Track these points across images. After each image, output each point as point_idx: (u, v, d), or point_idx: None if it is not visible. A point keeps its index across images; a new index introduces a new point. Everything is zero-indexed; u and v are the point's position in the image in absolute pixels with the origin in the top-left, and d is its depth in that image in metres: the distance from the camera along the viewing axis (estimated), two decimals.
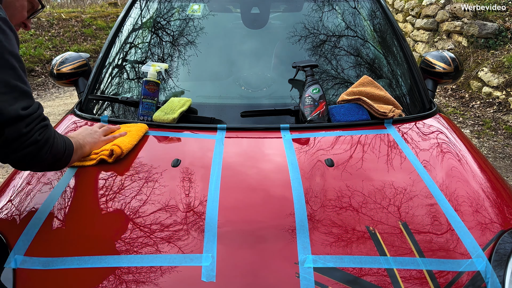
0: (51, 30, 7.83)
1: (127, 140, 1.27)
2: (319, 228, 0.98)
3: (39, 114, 0.95)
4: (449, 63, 1.89)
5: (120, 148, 1.21)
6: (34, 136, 0.93)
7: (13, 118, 0.88)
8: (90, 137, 1.24)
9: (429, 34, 6.38)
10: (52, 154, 1.00)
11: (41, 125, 0.95)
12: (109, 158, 1.21)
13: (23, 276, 0.89)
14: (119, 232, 0.99)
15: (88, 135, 1.25)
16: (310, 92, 1.45)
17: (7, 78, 0.87)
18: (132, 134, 1.32)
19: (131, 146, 1.26)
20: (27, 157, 0.94)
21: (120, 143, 1.24)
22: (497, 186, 1.17)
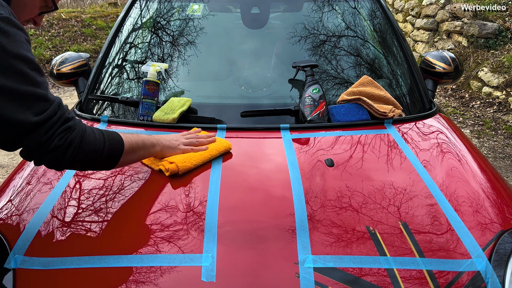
0: (51, 30, 7.83)
1: (193, 158, 1.19)
2: (319, 228, 0.98)
3: (60, 117, 0.87)
4: (449, 63, 1.89)
5: (177, 168, 1.14)
6: (54, 142, 0.86)
7: (26, 127, 0.82)
8: (167, 141, 1.20)
9: (429, 34, 6.38)
10: (83, 155, 0.92)
11: (63, 129, 0.88)
12: (166, 172, 1.16)
13: (23, 276, 0.89)
14: (119, 232, 0.99)
15: (167, 139, 1.21)
16: (310, 92, 1.45)
17: (14, 85, 0.80)
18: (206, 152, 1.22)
19: (192, 166, 1.17)
20: (53, 163, 0.90)
21: (182, 161, 1.16)
22: (497, 186, 1.17)
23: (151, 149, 1.15)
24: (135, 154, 1.09)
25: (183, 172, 1.15)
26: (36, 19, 1.04)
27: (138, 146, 1.09)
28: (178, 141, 1.23)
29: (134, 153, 1.08)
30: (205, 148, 1.23)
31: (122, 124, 1.47)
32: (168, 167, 1.14)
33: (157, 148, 1.17)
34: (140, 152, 1.11)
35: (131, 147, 1.06)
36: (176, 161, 1.15)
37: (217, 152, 1.24)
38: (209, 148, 1.24)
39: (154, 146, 1.16)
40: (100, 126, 1.45)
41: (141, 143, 1.10)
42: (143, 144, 1.11)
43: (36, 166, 0.93)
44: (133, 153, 1.08)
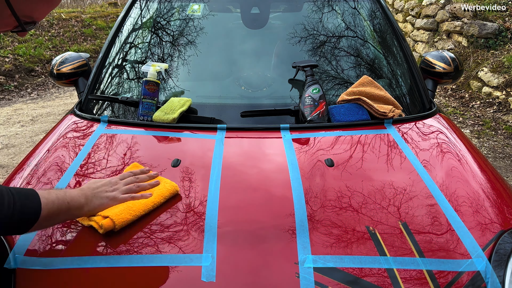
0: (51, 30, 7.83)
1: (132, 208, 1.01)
2: (319, 228, 0.98)
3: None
4: (449, 63, 1.89)
5: (113, 223, 0.96)
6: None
7: None
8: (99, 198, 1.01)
9: (429, 34, 6.38)
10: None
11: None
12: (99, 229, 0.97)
13: (23, 276, 0.89)
14: (119, 232, 0.99)
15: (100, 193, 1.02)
16: (310, 92, 1.45)
17: None
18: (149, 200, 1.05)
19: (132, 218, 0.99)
20: None
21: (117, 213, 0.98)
22: (497, 186, 1.17)
23: (76, 212, 0.97)
24: (51, 221, 0.93)
25: (121, 227, 0.97)
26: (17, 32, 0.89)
27: (59, 211, 0.92)
28: (113, 193, 1.03)
29: (50, 220, 0.92)
30: (148, 195, 1.05)
31: (122, 124, 1.47)
32: (101, 223, 0.96)
33: (84, 209, 0.98)
34: (61, 218, 0.95)
35: (48, 214, 0.90)
36: (111, 215, 0.97)
37: (162, 198, 1.06)
38: (153, 193, 1.07)
39: (81, 208, 0.97)
40: (100, 126, 1.45)
41: (65, 207, 0.94)
42: (67, 208, 0.94)
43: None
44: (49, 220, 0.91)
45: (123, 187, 1.06)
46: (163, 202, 1.06)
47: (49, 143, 1.40)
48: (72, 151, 1.32)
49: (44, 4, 0.79)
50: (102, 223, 0.96)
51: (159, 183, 1.10)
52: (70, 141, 1.39)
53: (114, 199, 1.02)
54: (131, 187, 1.07)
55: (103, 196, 1.02)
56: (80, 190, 1.00)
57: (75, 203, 0.96)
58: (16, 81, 6.25)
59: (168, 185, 1.10)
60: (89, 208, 0.99)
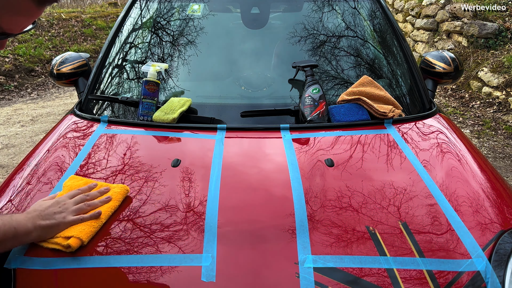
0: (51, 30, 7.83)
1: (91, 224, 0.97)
2: (319, 228, 0.98)
3: None
4: (449, 63, 1.89)
5: (80, 240, 0.93)
6: None
7: None
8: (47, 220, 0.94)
9: (429, 34, 6.38)
10: None
11: None
12: (65, 249, 0.92)
13: (23, 276, 0.89)
14: (119, 232, 0.99)
15: (48, 216, 0.95)
16: (310, 92, 1.45)
17: None
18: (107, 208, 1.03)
19: (96, 230, 0.97)
20: None
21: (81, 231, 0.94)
22: (497, 186, 1.17)
23: (24, 238, 0.91)
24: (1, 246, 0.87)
25: (89, 240, 0.94)
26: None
27: (6, 238, 0.87)
28: (62, 214, 0.97)
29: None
30: (98, 213, 0.99)
31: (122, 124, 1.47)
32: (67, 243, 0.91)
33: (33, 235, 0.91)
34: (8, 244, 0.89)
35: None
36: (75, 233, 0.93)
37: (118, 202, 1.05)
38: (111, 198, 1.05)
39: (30, 233, 0.91)
40: (100, 126, 1.45)
41: (12, 233, 0.87)
42: (14, 233, 0.88)
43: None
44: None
45: (73, 207, 0.99)
46: (119, 205, 1.05)
47: (49, 143, 1.40)
48: (72, 151, 1.32)
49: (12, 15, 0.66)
50: (68, 243, 0.91)
51: (110, 199, 1.05)
52: (70, 141, 1.39)
53: (63, 222, 0.95)
54: (81, 206, 1.00)
55: (52, 218, 0.95)
56: (27, 214, 0.93)
57: (22, 229, 0.89)
58: (16, 81, 6.25)
59: (117, 188, 1.08)
60: (38, 234, 0.92)
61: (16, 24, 0.67)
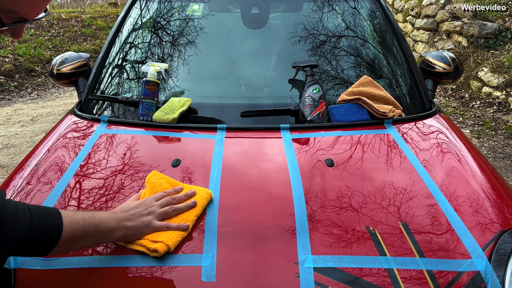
0: (51, 30, 7.83)
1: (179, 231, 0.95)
2: (319, 228, 0.98)
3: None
4: (449, 63, 1.89)
5: (168, 247, 0.91)
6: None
7: None
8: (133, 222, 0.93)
9: (429, 34, 6.38)
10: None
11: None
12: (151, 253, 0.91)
13: (23, 276, 0.89)
14: None
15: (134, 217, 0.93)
16: (310, 92, 1.45)
17: None
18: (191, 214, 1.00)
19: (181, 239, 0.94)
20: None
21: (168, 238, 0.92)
22: (497, 186, 1.17)
23: (107, 237, 0.89)
24: (77, 244, 0.85)
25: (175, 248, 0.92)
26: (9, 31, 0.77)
27: (86, 233, 0.85)
28: (149, 217, 0.95)
29: (76, 242, 0.84)
30: (185, 226, 0.96)
31: (122, 124, 1.47)
32: (154, 247, 0.90)
33: (116, 234, 0.90)
34: (89, 241, 0.87)
35: (72, 236, 0.82)
36: (165, 240, 0.91)
37: (202, 208, 1.02)
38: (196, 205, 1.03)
39: (113, 232, 0.89)
40: (100, 126, 1.45)
41: (93, 229, 0.86)
42: (96, 230, 0.86)
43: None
44: (75, 243, 0.84)
45: (159, 210, 0.98)
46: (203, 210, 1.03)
47: (49, 143, 1.40)
48: (72, 151, 1.32)
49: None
50: (155, 247, 0.89)
51: (196, 204, 1.02)
52: (70, 141, 1.39)
53: (148, 225, 0.94)
54: (167, 210, 0.99)
55: (138, 221, 0.93)
56: (112, 213, 0.92)
57: (104, 226, 0.88)
58: (16, 81, 6.25)
59: (202, 192, 1.06)
60: (121, 234, 0.91)
61: (32, 7, 0.68)
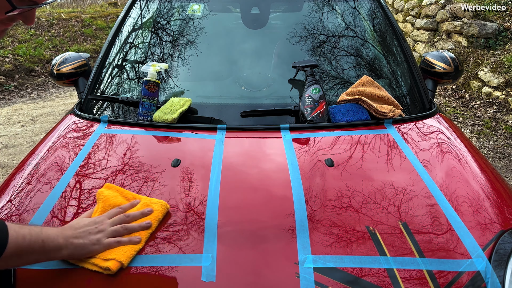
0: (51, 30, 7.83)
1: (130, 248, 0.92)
2: (319, 228, 0.98)
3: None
4: (449, 63, 1.89)
5: (121, 263, 0.88)
6: None
7: None
8: (81, 240, 0.89)
9: (429, 34, 6.38)
10: None
11: None
12: (104, 271, 0.88)
13: (23, 276, 0.89)
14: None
15: (83, 235, 0.90)
16: (310, 92, 1.45)
17: None
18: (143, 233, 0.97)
19: (135, 253, 0.91)
20: None
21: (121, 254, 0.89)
22: (497, 186, 1.17)
23: (53, 254, 0.86)
24: (22, 259, 0.82)
25: (128, 263, 0.89)
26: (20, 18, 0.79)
27: (31, 249, 0.81)
28: (97, 235, 0.92)
29: (21, 257, 0.81)
30: (137, 239, 0.93)
31: (122, 124, 1.47)
32: (106, 265, 0.86)
33: (63, 252, 0.86)
34: (33, 257, 0.83)
35: (17, 250, 0.79)
36: (116, 257, 0.88)
37: (157, 222, 0.99)
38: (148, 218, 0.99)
39: (60, 249, 0.86)
40: (100, 126, 1.45)
41: (39, 245, 0.82)
42: (41, 247, 0.83)
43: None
44: (20, 258, 0.81)
45: (109, 229, 0.94)
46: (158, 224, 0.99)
47: (49, 143, 1.40)
48: (72, 151, 1.32)
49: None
50: (107, 265, 0.86)
51: (150, 225, 0.97)
52: (70, 141, 1.39)
53: (97, 243, 0.90)
54: (118, 229, 0.94)
55: (86, 238, 0.90)
56: (61, 230, 0.89)
57: (51, 243, 0.84)
58: (16, 81, 6.25)
59: (158, 205, 1.02)
60: (69, 252, 0.87)
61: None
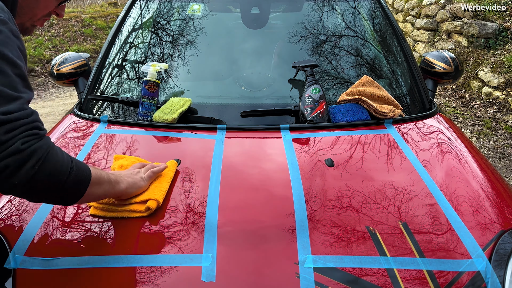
0: (51, 30, 7.83)
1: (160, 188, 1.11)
2: (319, 228, 0.97)
3: (28, 122, 0.77)
4: (449, 63, 1.89)
5: (157, 201, 1.04)
6: (15, 145, 0.74)
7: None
8: (130, 177, 1.05)
9: (429, 34, 6.38)
10: (45, 173, 0.78)
11: (29, 133, 0.76)
12: (144, 212, 1.02)
13: (23, 276, 0.89)
14: (119, 232, 0.99)
15: (129, 175, 1.06)
16: (310, 92, 1.45)
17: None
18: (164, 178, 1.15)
19: (165, 192, 1.09)
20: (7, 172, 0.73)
21: (155, 194, 1.07)
22: (497, 186, 1.17)
23: (116, 186, 0.99)
24: (100, 188, 0.93)
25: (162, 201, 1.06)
26: (57, 10, 1.00)
27: (104, 179, 0.94)
28: (140, 175, 1.09)
29: (99, 186, 0.93)
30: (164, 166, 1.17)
31: (122, 124, 1.47)
32: (146, 206, 1.02)
33: (121, 185, 1.01)
34: (106, 187, 0.95)
35: (97, 178, 0.92)
36: (150, 196, 1.04)
37: (172, 173, 1.17)
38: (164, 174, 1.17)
39: (119, 183, 1.01)
40: (100, 126, 1.45)
41: (107, 177, 0.96)
42: (108, 179, 0.97)
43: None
44: (99, 186, 0.92)
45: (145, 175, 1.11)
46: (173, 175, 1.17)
47: None
48: (72, 151, 1.32)
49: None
50: (147, 206, 1.02)
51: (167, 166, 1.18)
52: (70, 141, 1.39)
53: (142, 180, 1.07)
54: (150, 174, 1.12)
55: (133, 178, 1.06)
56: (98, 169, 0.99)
57: (113, 177, 0.99)
58: None
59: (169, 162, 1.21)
60: (125, 186, 1.02)
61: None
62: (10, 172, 0.74)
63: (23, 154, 0.75)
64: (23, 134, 0.76)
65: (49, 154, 0.79)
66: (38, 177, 0.77)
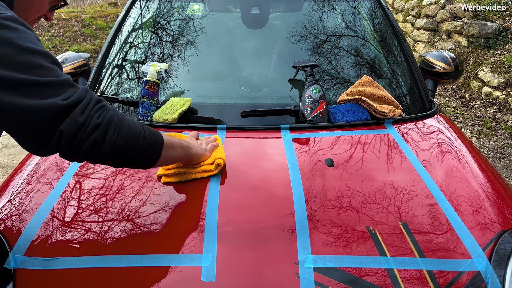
0: (51, 30, 7.83)
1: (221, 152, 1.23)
2: (319, 228, 0.98)
3: (90, 98, 0.83)
4: (449, 63, 1.89)
5: (223, 159, 1.17)
6: (93, 121, 0.81)
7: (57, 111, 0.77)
8: (198, 147, 1.16)
9: (429, 34, 6.38)
10: (124, 136, 0.86)
11: (98, 107, 0.84)
12: (214, 169, 1.15)
13: (23, 276, 0.89)
14: (119, 232, 0.99)
15: (196, 144, 1.16)
16: (310, 92, 1.45)
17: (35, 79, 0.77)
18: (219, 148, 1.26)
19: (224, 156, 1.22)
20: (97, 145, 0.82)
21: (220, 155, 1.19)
22: (497, 186, 1.17)
23: (188, 150, 1.10)
24: (174, 151, 1.03)
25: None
26: (48, 14, 1.03)
27: (176, 144, 1.04)
28: (203, 145, 1.20)
29: (173, 149, 1.02)
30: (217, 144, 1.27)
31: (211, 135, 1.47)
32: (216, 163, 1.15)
33: (192, 150, 1.12)
34: (178, 151, 1.05)
35: (170, 142, 1.01)
36: (217, 156, 1.17)
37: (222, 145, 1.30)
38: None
39: (190, 148, 1.11)
40: None
41: (179, 143, 1.06)
42: (181, 144, 1.07)
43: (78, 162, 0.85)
44: (172, 150, 1.02)
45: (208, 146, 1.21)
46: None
47: None
48: None
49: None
50: (217, 162, 1.15)
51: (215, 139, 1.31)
52: None
53: (206, 150, 1.19)
54: (210, 146, 1.22)
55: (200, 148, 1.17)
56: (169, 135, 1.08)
57: (184, 142, 1.09)
58: None
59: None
60: (195, 151, 1.13)
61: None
62: (99, 144, 0.83)
63: (103, 126, 0.83)
64: (94, 110, 0.83)
65: (121, 120, 0.88)
66: (119, 142, 0.85)
